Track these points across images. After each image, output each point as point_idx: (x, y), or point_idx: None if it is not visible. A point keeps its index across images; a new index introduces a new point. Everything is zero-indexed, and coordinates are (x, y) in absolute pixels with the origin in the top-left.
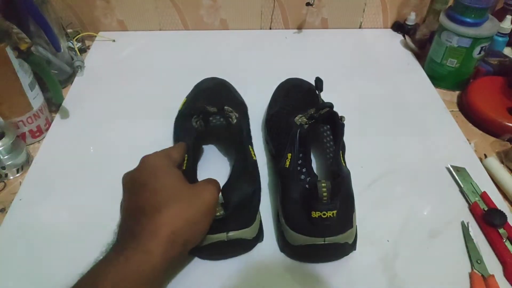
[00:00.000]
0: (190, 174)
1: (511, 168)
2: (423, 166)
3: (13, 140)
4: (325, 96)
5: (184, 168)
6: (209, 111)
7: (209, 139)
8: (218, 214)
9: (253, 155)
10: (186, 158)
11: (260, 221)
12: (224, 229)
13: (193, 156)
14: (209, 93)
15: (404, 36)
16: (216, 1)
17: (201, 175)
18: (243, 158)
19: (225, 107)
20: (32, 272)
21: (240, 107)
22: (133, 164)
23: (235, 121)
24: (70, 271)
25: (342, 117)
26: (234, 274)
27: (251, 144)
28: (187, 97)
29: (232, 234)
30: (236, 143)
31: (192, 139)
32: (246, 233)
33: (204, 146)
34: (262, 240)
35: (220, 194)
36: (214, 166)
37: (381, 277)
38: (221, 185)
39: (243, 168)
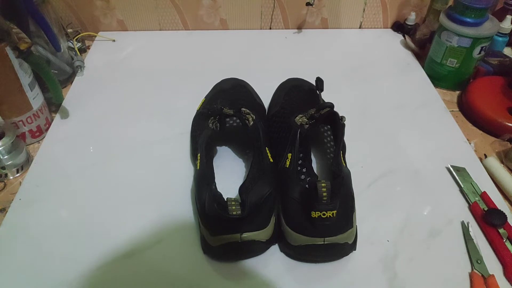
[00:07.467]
0: (205, 173)
1: (511, 168)
2: (423, 166)
3: (13, 140)
4: (326, 96)
5: (197, 167)
6: (225, 113)
7: (224, 140)
8: (235, 213)
9: (270, 158)
10: (199, 158)
11: (275, 224)
12: (238, 230)
13: (206, 156)
14: (227, 94)
15: (404, 36)
16: (216, 1)
17: (217, 175)
18: (260, 159)
19: (242, 109)
20: (32, 271)
21: (258, 109)
22: (133, 164)
23: (251, 123)
24: (70, 271)
25: (342, 117)
26: (233, 274)
27: (268, 146)
28: (206, 97)
29: (246, 235)
30: (253, 145)
31: (206, 139)
32: (260, 235)
33: (219, 147)
34: (275, 243)
35: (238, 193)
36: (230, 166)
37: (381, 277)
38: (237, 185)
39: (260, 169)
